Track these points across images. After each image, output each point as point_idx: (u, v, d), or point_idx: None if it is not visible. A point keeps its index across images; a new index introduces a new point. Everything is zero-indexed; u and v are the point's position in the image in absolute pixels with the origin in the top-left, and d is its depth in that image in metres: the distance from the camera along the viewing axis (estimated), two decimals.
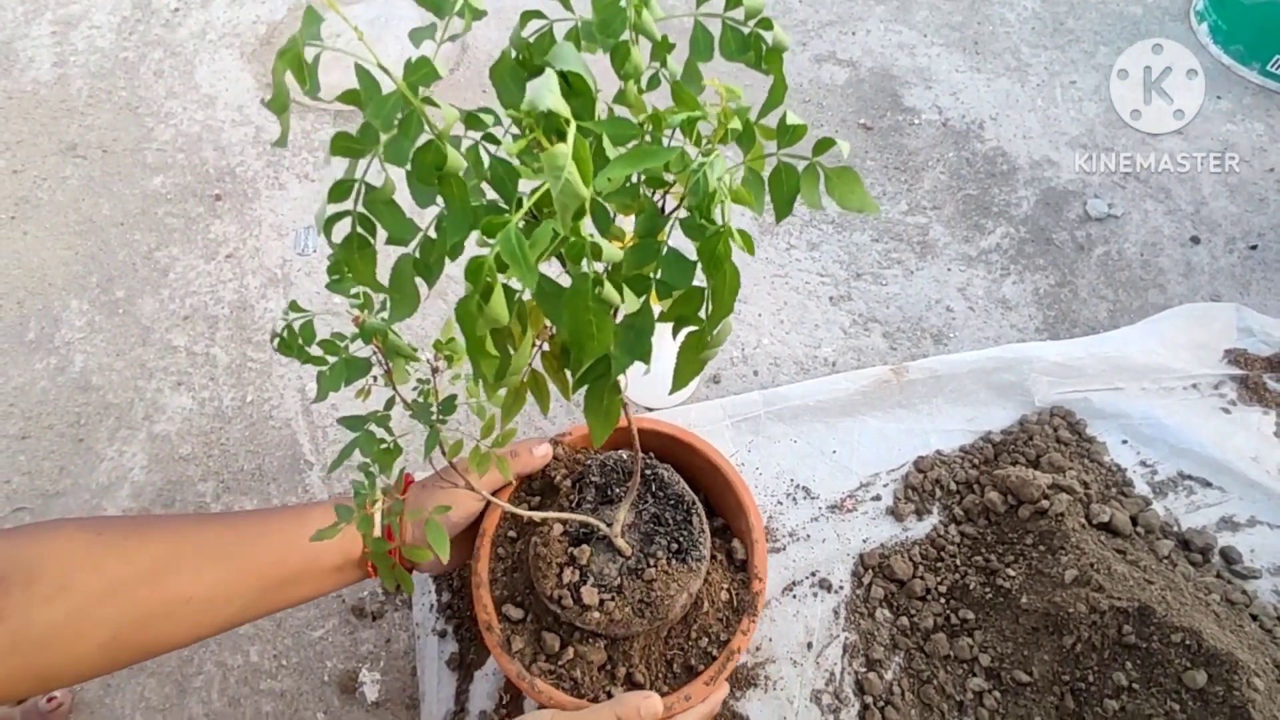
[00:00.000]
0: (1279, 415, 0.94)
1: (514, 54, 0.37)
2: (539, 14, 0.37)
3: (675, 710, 0.62)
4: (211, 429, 1.00)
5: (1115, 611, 0.74)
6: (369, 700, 0.81)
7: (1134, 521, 0.85)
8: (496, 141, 0.34)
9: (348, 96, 0.32)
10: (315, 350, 0.43)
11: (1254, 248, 1.10)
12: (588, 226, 0.30)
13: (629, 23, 0.35)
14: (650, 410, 0.98)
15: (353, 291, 0.41)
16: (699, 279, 0.38)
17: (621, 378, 0.41)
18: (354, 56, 0.32)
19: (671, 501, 0.68)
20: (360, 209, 0.37)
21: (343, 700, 0.82)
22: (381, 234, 0.38)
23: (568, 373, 0.47)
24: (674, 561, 0.64)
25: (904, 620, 0.82)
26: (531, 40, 0.37)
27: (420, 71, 0.31)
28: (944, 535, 0.86)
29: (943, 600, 0.83)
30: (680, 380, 0.42)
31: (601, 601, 0.62)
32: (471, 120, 0.34)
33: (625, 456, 0.71)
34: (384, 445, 0.46)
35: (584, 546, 0.64)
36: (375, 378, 0.45)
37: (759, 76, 0.39)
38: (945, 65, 1.34)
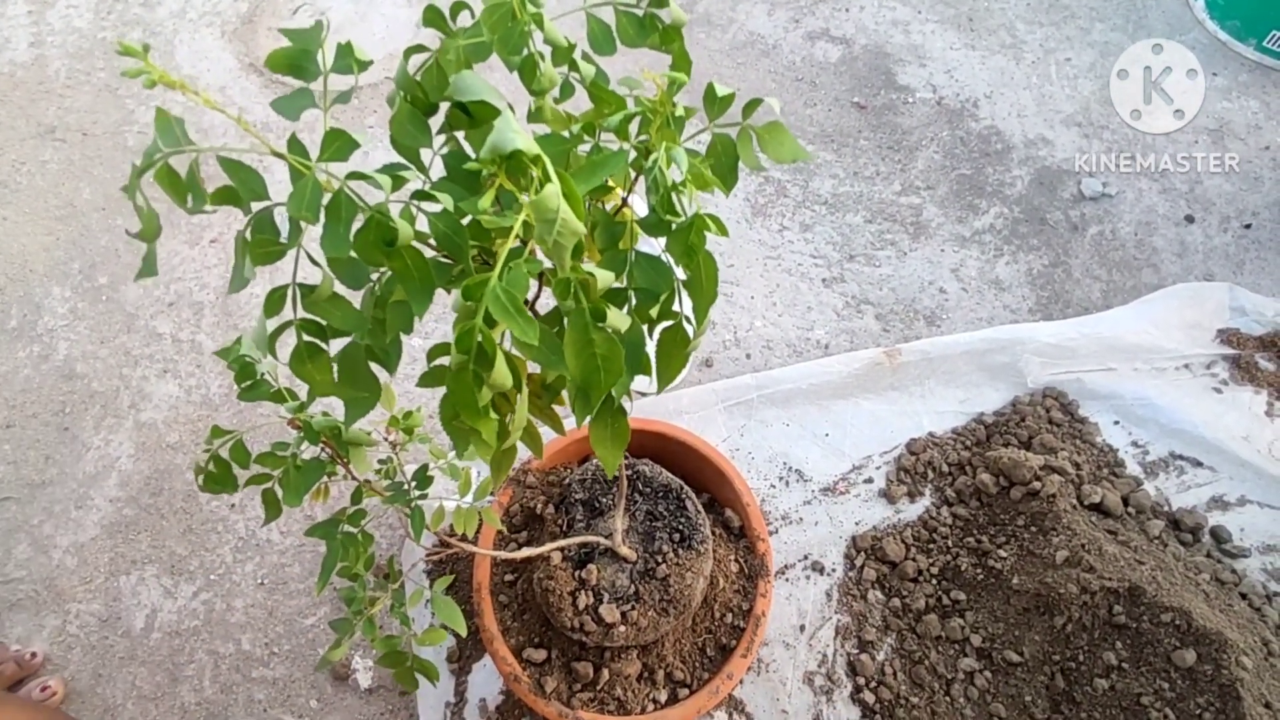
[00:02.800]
0: (1270, 395, 0.94)
1: (404, 95, 0.34)
2: (421, 48, 0.34)
3: (724, 692, 0.62)
4: (199, 417, 0.99)
5: (1106, 592, 0.74)
6: (362, 687, 0.81)
7: (1125, 502, 0.85)
8: (428, 196, 0.30)
9: (221, 196, 0.28)
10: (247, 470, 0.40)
11: (1248, 226, 1.10)
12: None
13: (529, 35, 0.32)
14: (642, 396, 0.97)
15: (273, 390, 0.38)
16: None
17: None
18: (232, 150, 0.27)
19: (660, 493, 0.67)
20: (302, 314, 0.33)
21: (335, 687, 0.82)
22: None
23: (555, 407, 0.44)
24: (681, 551, 0.63)
25: (896, 602, 0.82)
26: (418, 77, 0.34)
27: (334, 147, 0.28)
28: (936, 517, 0.86)
29: (934, 581, 0.83)
30: (665, 378, 0.39)
31: (624, 614, 0.61)
32: (396, 180, 0.31)
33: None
34: (358, 539, 0.44)
35: (590, 566, 0.63)
36: (328, 475, 0.42)
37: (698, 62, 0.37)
38: (939, 42, 1.32)
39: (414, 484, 0.45)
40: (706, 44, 1.32)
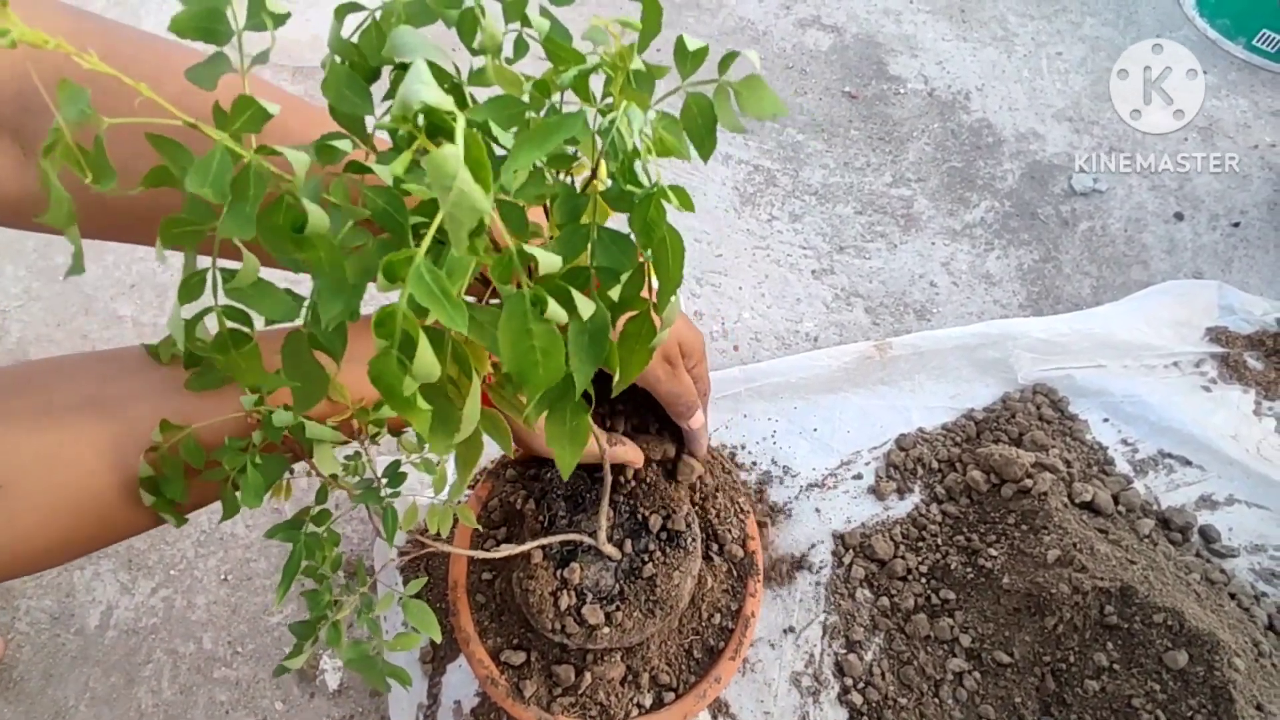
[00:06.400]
0: (1258, 394, 0.94)
1: (339, 59, 0.31)
2: (356, 5, 0.31)
3: (711, 695, 0.59)
4: None
5: (1098, 592, 0.73)
6: (330, 689, 0.77)
7: (1115, 500, 0.84)
8: (366, 170, 0.27)
9: (154, 177, 0.26)
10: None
11: (1236, 225, 1.09)
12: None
13: None
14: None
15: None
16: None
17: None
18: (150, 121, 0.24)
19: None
20: (224, 301, 0.29)
21: (302, 689, 0.78)
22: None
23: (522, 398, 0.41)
24: (669, 549, 0.60)
25: (884, 601, 0.80)
26: (355, 39, 0.31)
27: (244, 116, 0.25)
28: (925, 514, 0.85)
29: (924, 580, 0.81)
30: (627, 375, 0.35)
31: (608, 616, 0.58)
32: (324, 153, 0.27)
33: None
34: (322, 540, 0.40)
35: (572, 565, 0.59)
36: (292, 470, 0.39)
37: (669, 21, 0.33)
38: (931, 33, 1.30)
39: (385, 481, 0.41)
40: (695, 29, 1.29)
